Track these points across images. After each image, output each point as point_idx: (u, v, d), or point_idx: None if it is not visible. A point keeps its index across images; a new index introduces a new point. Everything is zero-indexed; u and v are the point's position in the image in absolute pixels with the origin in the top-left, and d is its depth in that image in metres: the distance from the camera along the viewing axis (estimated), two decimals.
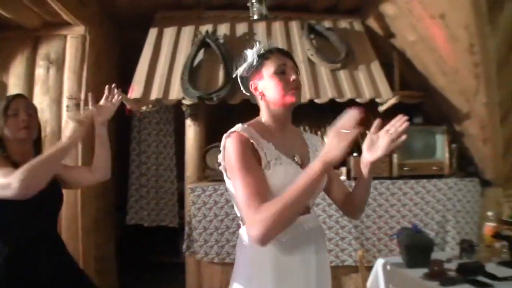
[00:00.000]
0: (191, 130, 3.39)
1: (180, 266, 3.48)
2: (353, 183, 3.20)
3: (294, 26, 3.78)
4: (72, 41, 3.54)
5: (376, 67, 3.55)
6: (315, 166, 1.28)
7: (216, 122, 3.50)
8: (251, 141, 1.43)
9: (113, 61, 4.06)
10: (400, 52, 3.68)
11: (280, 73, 1.50)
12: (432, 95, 3.59)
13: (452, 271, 2.40)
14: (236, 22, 3.73)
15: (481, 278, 2.28)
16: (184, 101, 3.23)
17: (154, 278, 4.19)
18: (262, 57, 1.54)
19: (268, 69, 1.51)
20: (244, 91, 1.63)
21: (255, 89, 1.55)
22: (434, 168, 3.53)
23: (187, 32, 3.65)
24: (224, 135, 1.47)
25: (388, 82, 3.49)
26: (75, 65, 3.51)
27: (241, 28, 3.69)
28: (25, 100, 1.96)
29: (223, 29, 3.65)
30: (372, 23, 3.78)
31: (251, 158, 1.41)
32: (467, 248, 2.73)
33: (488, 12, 2.69)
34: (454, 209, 3.43)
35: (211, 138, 3.40)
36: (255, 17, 3.22)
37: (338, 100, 3.35)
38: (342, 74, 3.51)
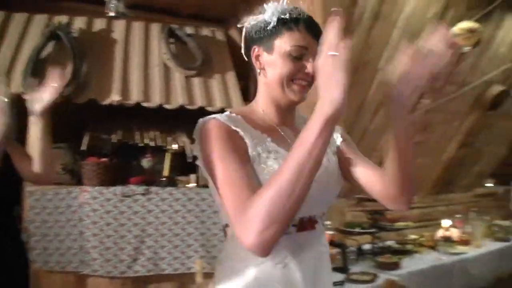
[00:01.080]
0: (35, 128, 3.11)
1: None
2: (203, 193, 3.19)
3: (155, 28, 3.67)
4: None
5: (231, 77, 3.59)
6: (311, 125, 0.89)
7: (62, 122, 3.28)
8: (234, 128, 1.10)
9: None
10: None
11: (295, 58, 1.13)
12: None
13: None
14: (95, 17, 3.51)
15: None
16: (25, 96, 2.96)
17: None
18: (283, 25, 1.14)
19: (284, 44, 1.13)
20: (243, 52, 1.27)
21: (257, 57, 1.19)
22: None
23: (39, 21, 3.35)
24: (199, 122, 1.14)
25: (245, 93, 3.55)
26: None
27: (99, 24, 3.50)
28: None
29: (79, 23, 3.42)
30: (234, 33, 3.84)
31: (235, 145, 1.08)
32: None
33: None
34: None
35: (54, 138, 3.15)
36: (111, 13, 3.09)
37: (188, 107, 3.31)
38: (196, 82, 3.50)
